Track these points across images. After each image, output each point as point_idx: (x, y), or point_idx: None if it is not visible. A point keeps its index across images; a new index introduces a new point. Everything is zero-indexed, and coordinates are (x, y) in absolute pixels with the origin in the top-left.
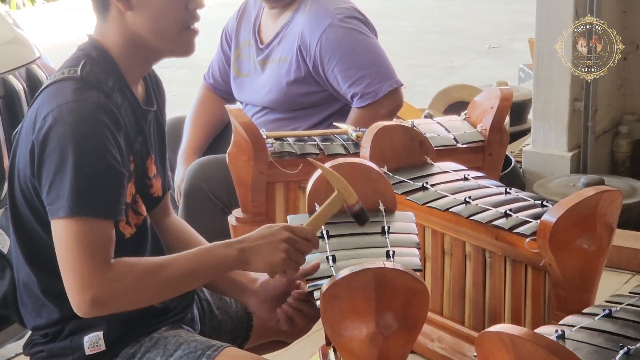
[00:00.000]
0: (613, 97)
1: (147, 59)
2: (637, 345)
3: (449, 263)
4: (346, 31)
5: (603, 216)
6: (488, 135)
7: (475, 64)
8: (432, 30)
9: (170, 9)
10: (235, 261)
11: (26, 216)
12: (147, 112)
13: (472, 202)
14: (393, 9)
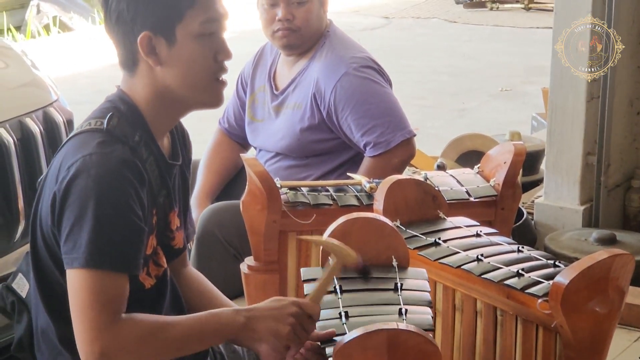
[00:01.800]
0: (625, 152)
1: (175, 112)
2: None
3: (459, 319)
4: (361, 80)
5: (615, 279)
6: (501, 190)
7: (487, 107)
8: (443, 71)
9: (200, 61)
10: (241, 329)
11: (47, 263)
12: (172, 166)
13: (484, 259)
14: (405, 49)
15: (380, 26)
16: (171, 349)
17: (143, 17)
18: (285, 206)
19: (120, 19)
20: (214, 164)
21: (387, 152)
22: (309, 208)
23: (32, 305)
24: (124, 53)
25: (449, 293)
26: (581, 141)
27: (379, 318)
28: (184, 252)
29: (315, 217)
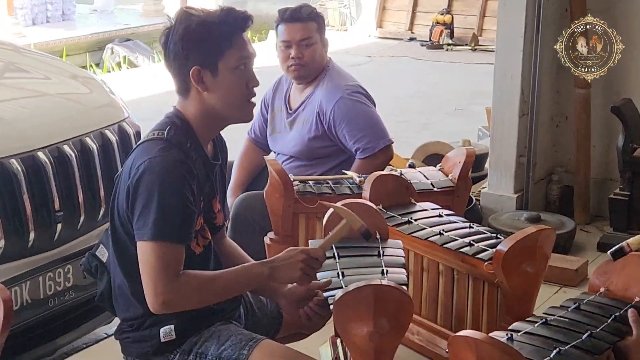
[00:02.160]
0: (547, 154)
1: (217, 126)
2: (566, 347)
3: (426, 278)
4: (353, 102)
5: (541, 247)
6: (457, 182)
7: (445, 122)
8: (413, 95)
9: (236, 88)
10: (267, 276)
11: (122, 237)
12: (214, 165)
13: (445, 233)
14: (384, 79)
15: (365, 63)
16: (217, 295)
17: (194, 56)
18: (297, 195)
19: (176, 57)
20: (244, 164)
21: (372, 155)
22: (315, 196)
23: (110, 268)
24: (179, 82)
25: (419, 258)
26: (515, 146)
27: (366, 277)
28: (223, 228)
29: (319, 203)
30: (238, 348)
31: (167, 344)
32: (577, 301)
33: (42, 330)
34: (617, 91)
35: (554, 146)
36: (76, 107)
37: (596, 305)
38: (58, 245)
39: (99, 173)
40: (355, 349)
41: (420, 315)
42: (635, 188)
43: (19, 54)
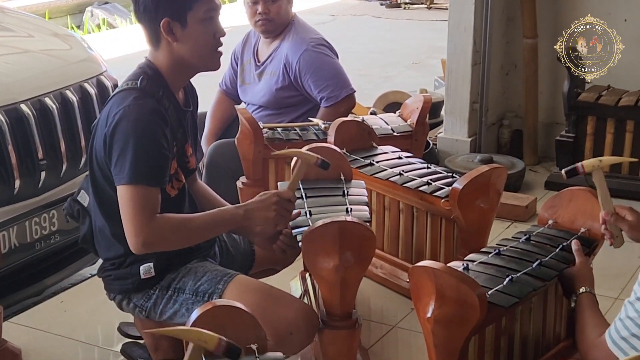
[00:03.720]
0: (498, 101)
1: (187, 75)
2: (518, 274)
3: (388, 215)
4: (317, 54)
5: (494, 185)
6: (415, 127)
7: (404, 75)
8: (373, 50)
9: (205, 38)
10: (242, 218)
11: (101, 182)
12: (185, 111)
13: (404, 174)
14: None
15: (329, 21)
16: (193, 236)
17: (164, 8)
18: (266, 141)
19: (147, 10)
20: (217, 114)
21: (336, 103)
22: (283, 142)
23: (91, 212)
24: (149, 33)
25: (381, 198)
26: (468, 94)
27: (332, 215)
28: (195, 171)
29: (287, 148)
30: (214, 283)
31: (147, 281)
32: (528, 233)
33: (31, 272)
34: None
35: (504, 93)
36: (57, 62)
37: (545, 237)
38: (42, 192)
39: (79, 123)
40: (323, 281)
41: (383, 250)
42: (579, 130)
43: (3, 14)
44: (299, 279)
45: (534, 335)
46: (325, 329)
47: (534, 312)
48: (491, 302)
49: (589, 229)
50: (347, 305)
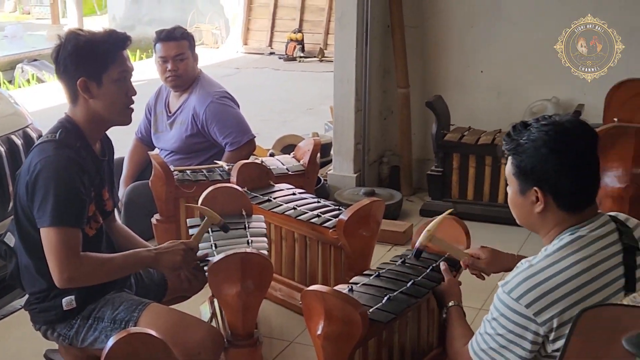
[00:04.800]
0: (379, 141)
1: (102, 128)
2: (394, 293)
3: (285, 244)
4: (220, 105)
5: (374, 215)
6: (307, 167)
7: (299, 120)
8: (273, 98)
9: (118, 97)
10: (152, 260)
11: (25, 224)
12: (102, 160)
13: (298, 208)
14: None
15: (234, 73)
16: (112, 274)
17: (81, 69)
18: (177, 182)
19: (66, 70)
20: (133, 159)
21: (239, 147)
22: (192, 182)
23: (17, 251)
24: (68, 91)
25: (278, 229)
26: (353, 136)
27: (235, 247)
28: (112, 213)
29: (196, 188)
30: (130, 311)
31: (69, 312)
32: (403, 256)
33: None
34: (431, 89)
35: (383, 135)
36: None
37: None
38: None
39: (7, 171)
40: (227, 306)
41: (281, 275)
42: (446, 165)
43: None
44: (208, 304)
45: (411, 345)
46: (230, 347)
47: (409, 325)
48: (372, 319)
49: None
50: (249, 326)
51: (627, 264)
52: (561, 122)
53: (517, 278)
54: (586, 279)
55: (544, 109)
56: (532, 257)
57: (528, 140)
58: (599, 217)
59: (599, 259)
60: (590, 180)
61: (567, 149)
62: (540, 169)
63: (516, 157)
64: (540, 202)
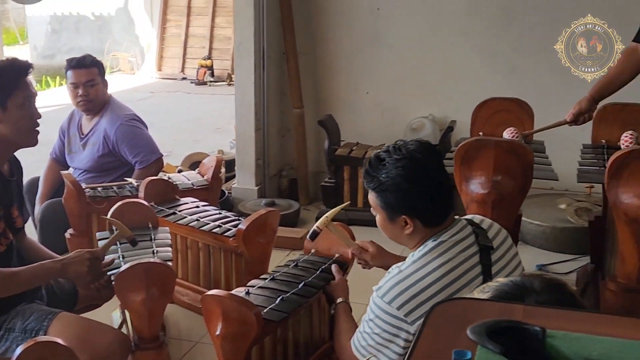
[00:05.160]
0: (278, 157)
1: (9, 150)
2: (287, 294)
3: (190, 253)
4: (130, 127)
5: (270, 224)
6: (210, 181)
7: (209, 138)
8: (185, 120)
9: (24, 120)
10: (59, 271)
11: None
12: (10, 180)
13: (201, 219)
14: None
15: (149, 97)
16: (19, 286)
17: None
18: (88, 199)
19: None
20: (48, 178)
21: (147, 165)
22: (102, 198)
23: None
24: None
25: (184, 239)
26: (254, 152)
27: (141, 257)
28: (22, 229)
29: (106, 204)
30: (40, 321)
31: None
32: (296, 260)
33: None
34: (323, 109)
35: (281, 151)
36: None
37: (309, 262)
38: None
39: None
40: (134, 312)
41: (188, 281)
42: (338, 177)
43: None
44: (119, 311)
45: (304, 340)
46: (137, 350)
47: (302, 322)
48: (266, 319)
49: (342, 254)
50: (154, 330)
51: (484, 263)
52: (412, 153)
53: (388, 283)
54: (449, 280)
55: (423, 125)
56: (401, 263)
57: (388, 178)
58: (457, 222)
59: (460, 261)
60: (446, 195)
61: (424, 177)
62: (405, 201)
63: (380, 194)
64: (409, 225)
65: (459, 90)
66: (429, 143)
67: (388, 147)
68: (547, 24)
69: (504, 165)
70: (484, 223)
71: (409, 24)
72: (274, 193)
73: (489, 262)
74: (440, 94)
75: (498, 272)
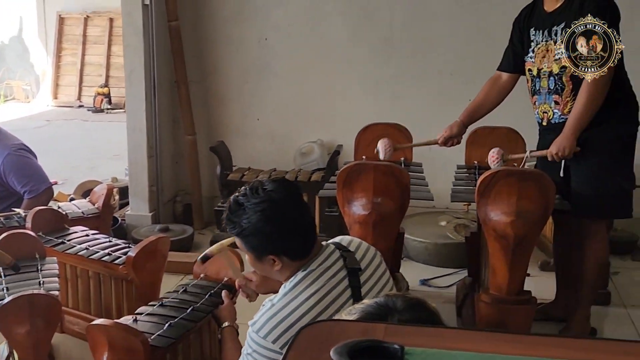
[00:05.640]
0: (172, 183)
1: None
2: (175, 319)
3: (81, 282)
4: (18, 157)
5: (160, 250)
6: (101, 209)
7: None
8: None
9: None
10: None
11: None
12: None
13: (90, 248)
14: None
15: (45, 125)
16: None
17: None
18: None
19: None
20: None
21: (37, 195)
22: None
23: None
24: None
25: (74, 269)
26: (147, 179)
27: (26, 289)
28: None
29: None
30: None
31: None
32: (185, 285)
33: None
34: (215, 136)
35: (176, 177)
36: None
37: (198, 287)
38: None
39: None
40: (18, 345)
41: (79, 310)
42: None
43: None
44: (5, 343)
45: None
46: None
47: (192, 346)
48: (153, 345)
49: (230, 278)
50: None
51: (353, 285)
52: (269, 194)
53: (262, 318)
54: (322, 307)
55: (312, 150)
56: (274, 296)
57: (249, 223)
58: (324, 249)
59: (330, 287)
60: (308, 228)
61: (284, 218)
62: (269, 243)
63: (244, 238)
64: (277, 262)
65: (344, 116)
66: (285, 180)
67: (246, 191)
68: (426, 52)
69: (383, 187)
70: (352, 244)
71: (295, 54)
72: (168, 218)
73: (358, 284)
74: (327, 119)
75: (368, 292)
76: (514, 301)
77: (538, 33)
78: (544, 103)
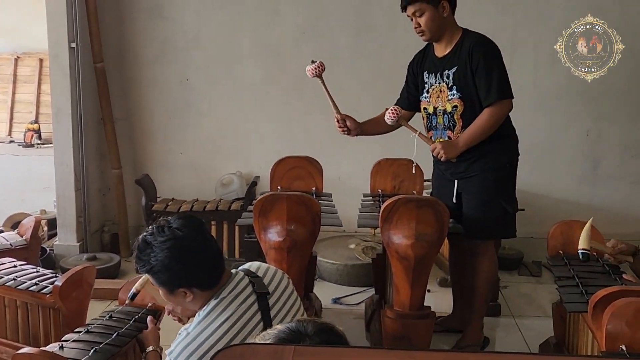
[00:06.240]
0: (99, 214)
1: None
2: (101, 345)
3: (9, 311)
4: None
5: (86, 279)
6: (29, 241)
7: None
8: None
9: None
10: None
11: None
12: None
13: (18, 279)
14: None
15: None
16: None
17: None
18: None
19: None
20: None
21: None
22: None
23: None
24: None
25: (1, 299)
26: (74, 211)
27: None
28: None
29: None
30: None
31: None
32: (110, 312)
33: None
34: (140, 169)
35: (103, 208)
36: None
37: (123, 313)
38: None
39: None
40: None
41: (7, 339)
42: None
43: None
44: None
45: None
46: None
47: None
48: None
49: (154, 304)
50: None
51: (262, 309)
52: (175, 232)
53: (178, 347)
54: (234, 333)
55: (231, 181)
56: (188, 325)
57: (157, 261)
58: (234, 276)
59: (241, 313)
60: (215, 258)
61: (190, 253)
62: (178, 278)
63: (154, 275)
64: (188, 294)
65: (261, 149)
66: (189, 217)
67: (152, 229)
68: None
69: (296, 215)
70: (260, 270)
71: (214, 93)
72: (96, 247)
73: (267, 307)
74: (245, 152)
75: (277, 314)
76: (416, 316)
77: (431, 76)
78: (439, 137)
